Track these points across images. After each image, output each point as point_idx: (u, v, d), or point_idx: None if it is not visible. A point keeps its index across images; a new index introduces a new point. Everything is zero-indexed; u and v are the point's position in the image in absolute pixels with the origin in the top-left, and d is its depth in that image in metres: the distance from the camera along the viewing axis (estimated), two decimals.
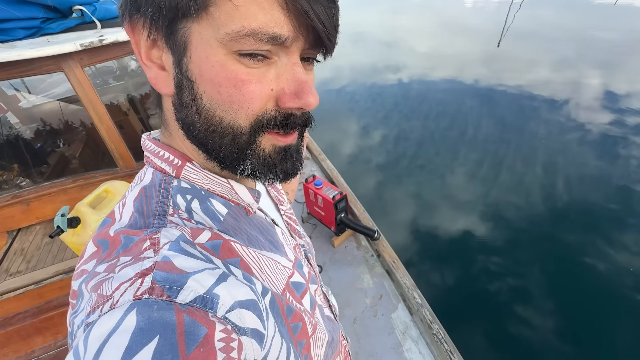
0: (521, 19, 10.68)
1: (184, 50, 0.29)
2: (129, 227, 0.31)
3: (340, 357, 0.56)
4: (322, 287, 0.58)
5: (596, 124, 4.68)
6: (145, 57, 0.31)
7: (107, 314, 0.23)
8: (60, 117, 2.48)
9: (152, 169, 0.37)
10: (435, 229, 3.21)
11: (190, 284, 0.25)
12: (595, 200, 3.34)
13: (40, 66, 1.40)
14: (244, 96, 0.29)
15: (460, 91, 6.09)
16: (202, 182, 0.36)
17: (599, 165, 3.86)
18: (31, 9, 1.41)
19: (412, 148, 4.54)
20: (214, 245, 0.32)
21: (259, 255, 0.37)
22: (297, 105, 0.31)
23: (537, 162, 3.99)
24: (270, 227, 0.44)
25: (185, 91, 0.30)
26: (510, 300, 2.52)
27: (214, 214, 0.36)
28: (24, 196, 1.68)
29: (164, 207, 0.33)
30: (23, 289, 1.42)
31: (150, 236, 0.28)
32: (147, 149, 0.38)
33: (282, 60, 0.30)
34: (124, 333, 0.21)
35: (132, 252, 0.27)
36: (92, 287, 0.26)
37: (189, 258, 0.27)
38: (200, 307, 0.24)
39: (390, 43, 9.78)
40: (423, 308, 1.57)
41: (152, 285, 0.24)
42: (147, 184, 0.35)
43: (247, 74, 0.29)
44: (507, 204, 3.42)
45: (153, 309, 0.22)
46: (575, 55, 7.35)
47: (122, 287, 0.24)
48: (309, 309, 0.43)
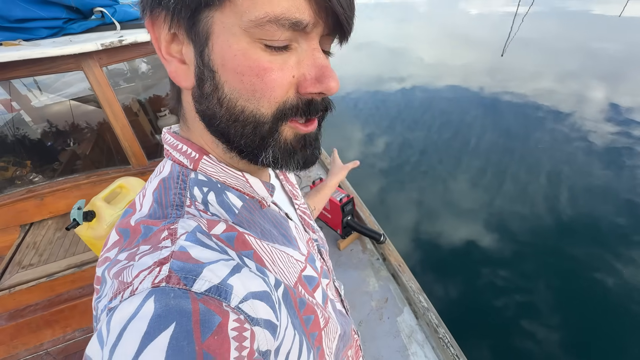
0: (525, 30, 10.77)
1: (206, 40, 0.29)
2: (149, 217, 0.32)
3: (352, 350, 0.56)
4: (335, 281, 0.59)
5: (601, 135, 4.67)
6: (165, 51, 0.32)
7: (127, 300, 0.24)
8: (70, 117, 2.53)
9: (170, 161, 0.38)
10: (438, 238, 3.19)
11: (206, 273, 0.26)
12: (602, 213, 3.31)
13: (61, 64, 1.44)
14: (267, 85, 0.29)
15: (464, 100, 6.13)
16: (218, 175, 0.37)
17: (605, 177, 3.84)
18: (54, 9, 1.46)
19: (416, 155, 4.55)
20: (228, 237, 0.32)
21: (272, 248, 0.38)
22: (319, 90, 0.31)
23: (542, 173, 3.98)
24: (283, 220, 0.44)
25: (207, 82, 0.31)
26: (515, 313, 2.49)
27: (229, 206, 0.36)
28: (39, 191, 1.72)
29: (181, 199, 0.34)
30: (35, 281, 1.45)
31: (169, 226, 0.29)
32: (166, 142, 0.39)
33: (302, 46, 0.30)
34: (143, 319, 0.22)
35: (151, 241, 0.28)
36: (114, 274, 0.27)
37: (204, 249, 0.28)
38: (215, 296, 0.25)
39: (394, 51, 9.87)
40: (429, 312, 1.57)
41: (169, 274, 0.25)
42: (166, 176, 0.36)
43: (269, 62, 0.29)
44: (512, 214, 3.40)
45: (170, 297, 0.23)
46: (579, 66, 7.39)
47: (142, 274, 0.25)
48: (321, 303, 0.44)
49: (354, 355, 0.58)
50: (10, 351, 1.46)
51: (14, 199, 1.68)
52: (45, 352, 1.49)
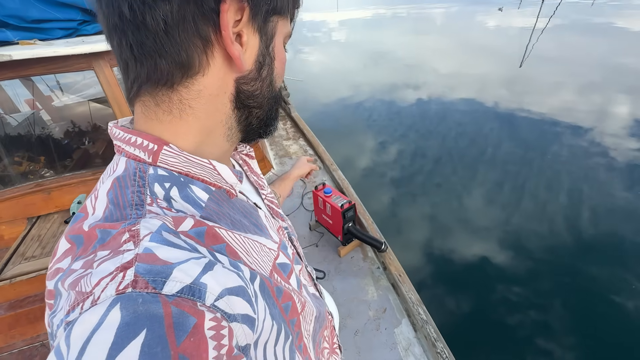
0: (544, 43, 10.59)
1: (272, 37, 0.38)
2: (104, 220, 0.30)
3: (327, 330, 0.58)
4: (307, 267, 0.59)
5: (624, 152, 4.49)
6: (232, 34, 0.35)
7: (89, 311, 0.22)
8: (88, 117, 2.62)
9: (124, 157, 0.35)
10: (450, 252, 3.10)
11: (176, 274, 0.25)
12: (624, 233, 3.14)
13: (73, 63, 1.50)
14: (285, 71, 0.43)
15: (480, 112, 6.03)
16: (182, 166, 0.34)
17: (628, 196, 3.67)
18: (70, 11, 1.53)
19: (429, 166, 4.48)
20: (198, 232, 0.31)
21: (244, 238, 0.37)
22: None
23: (561, 189, 3.83)
24: (253, 210, 0.44)
25: (266, 68, 0.39)
26: (526, 332, 2.38)
27: (194, 200, 0.34)
28: (46, 185, 1.77)
29: (140, 197, 0.31)
30: (35, 273, 1.48)
31: (129, 228, 0.27)
32: (116, 137, 0.36)
33: None
34: (109, 329, 0.21)
35: (110, 245, 0.26)
36: (70, 285, 0.25)
37: (172, 248, 0.27)
38: (188, 297, 0.24)
39: (410, 62, 9.87)
40: (428, 325, 1.51)
41: (135, 278, 0.23)
42: (121, 174, 0.33)
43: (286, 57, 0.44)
44: (527, 230, 3.27)
45: (138, 303, 0.22)
46: (601, 80, 7.17)
47: (103, 282, 0.23)
48: (296, 288, 0.44)
49: (330, 335, 0.60)
50: (8, 341, 1.49)
51: (23, 192, 1.75)
52: (40, 344, 1.51)
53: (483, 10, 21.47)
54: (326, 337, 0.57)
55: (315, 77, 8.79)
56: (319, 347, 0.53)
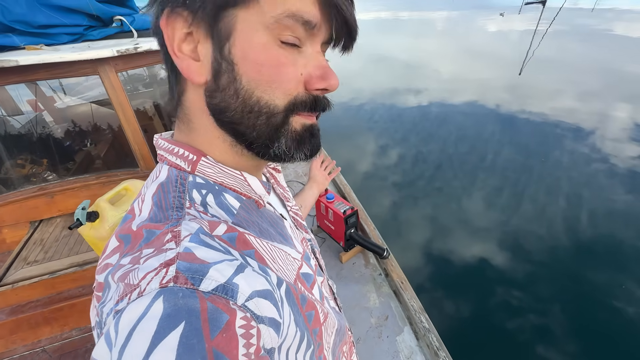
0: (545, 48, 10.63)
1: (228, 36, 0.32)
2: (149, 220, 0.32)
3: (347, 346, 0.58)
4: (328, 280, 0.60)
5: (624, 157, 4.51)
6: (177, 49, 0.33)
7: (135, 301, 0.24)
8: (90, 119, 2.63)
9: (167, 166, 0.38)
10: (451, 255, 3.11)
11: (212, 273, 0.26)
12: (624, 238, 3.16)
13: (78, 68, 1.50)
14: (282, 76, 0.33)
15: (481, 116, 6.04)
16: (217, 176, 0.38)
17: (628, 200, 3.68)
18: (76, 17, 1.54)
19: (430, 170, 4.49)
20: (230, 237, 0.33)
21: (271, 246, 0.38)
22: (324, 86, 0.35)
23: (560, 193, 3.86)
24: (279, 220, 0.45)
25: (224, 75, 0.33)
26: (527, 337, 2.39)
27: (227, 207, 0.37)
28: (49, 189, 1.77)
29: (181, 201, 0.34)
30: (38, 278, 1.47)
31: (172, 229, 0.30)
32: (160, 147, 0.40)
33: (308, 49, 0.34)
34: (152, 319, 0.22)
35: (154, 244, 0.29)
36: (119, 278, 0.27)
37: (208, 249, 0.29)
38: (222, 295, 0.26)
39: (411, 66, 9.90)
40: (430, 333, 1.51)
41: (177, 274, 0.25)
42: (164, 181, 0.37)
43: (285, 57, 0.32)
44: (527, 234, 3.29)
45: (178, 297, 0.24)
46: (600, 86, 7.20)
47: (148, 276, 0.25)
48: (318, 299, 0.44)
49: (349, 351, 0.60)
50: (9, 346, 1.48)
51: (25, 195, 1.74)
52: (42, 350, 1.50)
53: (484, 15, 21.55)
54: (345, 353, 0.57)
55: None
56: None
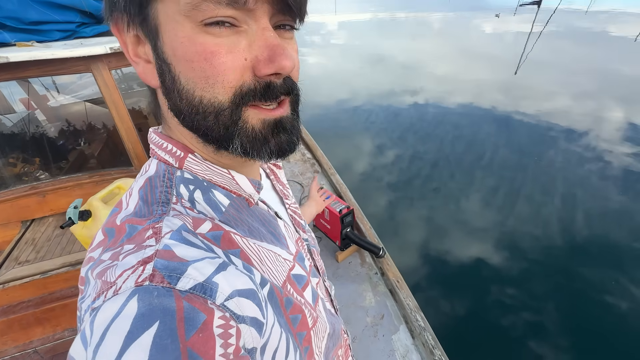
0: (540, 49, 10.73)
1: (156, 33, 0.29)
2: (134, 215, 0.32)
3: (342, 350, 0.56)
4: (325, 281, 0.58)
5: (617, 157, 4.56)
6: (132, 53, 0.33)
7: (111, 299, 0.24)
8: (84, 118, 2.60)
9: (156, 160, 0.38)
10: (446, 254, 3.12)
11: (190, 271, 0.26)
12: (618, 236, 3.20)
13: (71, 66, 1.48)
14: (217, 68, 0.28)
15: (477, 117, 6.08)
16: (204, 173, 0.37)
17: (621, 199, 3.73)
18: (69, 13, 1.52)
19: (426, 170, 4.51)
20: (214, 235, 0.32)
21: (258, 247, 0.37)
22: (272, 70, 0.30)
23: (556, 193, 3.89)
24: (272, 219, 0.44)
25: (166, 76, 0.31)
26: (522, 334, 2.41)
27: (216, 204, 0.36)
28: (41, 188, 1.75)
29: (167, 196, 0.34)
30: (29, 277, 1.45)
31: (153, 225, 0.29)
32: (151, 141, 0.40)
33: (252, 27, 0.29)
34: (126, 318, 0.22)
35: (135, 240, 0.28)
36: (97, 274, 0.27)
37: (189, 247, 0.28)
38: (200, 294, 0.25)
39: (409, 67, 9.93)
40: (426, 332, 1.51)
41: (153, 273, 0.25)
42: (152, 175, 0.36)
43: (215, 45, 0.28)
44: (523, 233, 3.32)
45: (153, 296, 0.23)
46: (595, 87, 7.28)
47: (125, 274, 0.25)
48: (310, 302, 0.43)
49: (344, 354, 0.59)
50: (0, 347, 1.46)
51: (17, 194, 1.72)
52: (33, 351, 1.48)
53: (480, 16, 21.69)
54: (340, 357, 0.55)
55: (313, 80, 8.80)
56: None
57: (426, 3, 36.56)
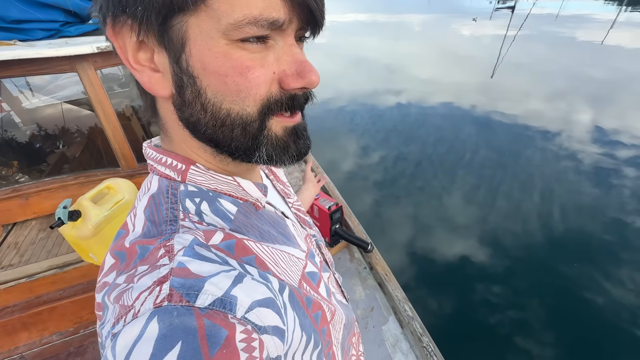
0: (514, 52, 11.19)
1: (182, 46, 0.28)
2: (143, 236, 0.32)
3: (355, 337, 0.58)
4: (335, 274, 0.59)
5: (589, 155, 4.82)
6: (133, 60, 0.31)
7: (130, 324, 0.23)
8: (61, 119, 2.53)
9: (157, 176, 0.37)
10: (432, 252, 3.21)
11: (208, 287, 0.26)
12: (592, 231, 3.39)
13: (55, 65, 1.46)
14: (251, 82, 0.29)
15: (457, 118, 6.27)
16: (209, 183, 0.36)
17: (594, 195, 3.94)
18: (52, 12, 1.49)
19: (410, 169, 4.62)
20: (227, 245, 0.32)
21: (272, 249, 0.37)
22: (301, 85, 0.31)
23: (534, 190, 4.06)
24: (280, 220, 0.44)
25: (187, 89, 0.30)
26: (506, 329, 2.51)
27: (224, 213, 0.36)
28: (24, 190, 1.69)
29: (174, 213, 0.33)
30: (14, 282, 1.41)
31: (164, 244, 0.29)
32: (149, 157, 0.38)
33: (279, 43, 0.30)
34: (148, 341, 0.22)
35: (148, 261, 0.28)
36: (114, 299, 0.27)
37: (203, 262, 0.28)
38: (220, 309, 0.25)
39: (390, 68, 10.11)
40: (414, 321, 1.58)
41: (171, 292, 0.24)
42: (155, 192, 0.36)
43: (251, 60, 0.29)
44: (504, 230, 3.45)
45: (173, 316, 0.23)
46: (566, 89, 7.66)
47: (142, 296, 0.25)
48: (325, 297, 0.44)
49: (357, 341, 0.60)
50: None
51: None
52: (19, 356, 1.44)
53: (458, 19, 22.36)
54: (354, 344, 0.56)
55: None
56: (347, 354, 0.52)
57: (405, 5, 37.33)
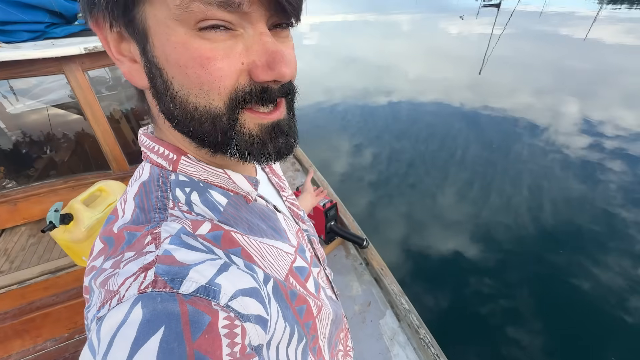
0: (501, 49, 11.38)
1: (145, 36, 0.28)
2: (132, 223, 0.32)
3: (343, 332, 0.58)
4: (326, 269, 0.59)
5: (575, 148, 4.93)
6: (115, 51, 0.31)
7: (115, 308, 0.24)
8: (47, 124, 2.49)
9: (149, 164, 0.37)
10: (426, 249, 3.25)
11: (192, 275, 0.26)
12: (580, 222, 3.48)
13: (41, 68, 1.43)
14: (212, 75, 0.27)
15: (447, 115, 6.35)
16: (200, 174, 0.36)
17: (581, 188, 4.04)
18: (37, 13, 1.46)
19: (403, 167, 4.66)
20: (214, 236, 0.32)
21: (260, 243, 0.38)
22: (271, 77, 0.29)
23: (523, 184, 4.15)
24: (271, 213, 0.44)
25: (157, 80, 0.30)
26: (500, 319, 2.56)
27: (213, 204, 0.36)
28: (12, 196, 1.66)
29: (163, 201, 0.33)
30: (5, 288, 1.38)
31: (152, 231, 0.29)
32: (142, 144, 0.38)
33: (249, 31, 0.28)
34: (132, 325, 0.22)
35: (135, 247, 0.28)
36: (100, 283, 0.27)
37: (189, 251, 0.28)
38: (203, 296, 0.25)
39: (380, 67, 10.17)
40: (410, 314, 1.60)
41: (155, 279, 0.25)
42: (146, 180, 0.36)
43: (211, 50, 0.27)
44: (495, 224, 3.51)
45: (157, 301, 0.23)
46: (552, 84, 7.82)
47: (127, 282, 0.25)
48: (313, 292, 0.44)
49: (345, 337, 0.61)
50: None
51: None
52: None
53: (446, 17, 22.62)
54: (341, 340, 0.57)
55: None
56: (334, 349, 0.53)
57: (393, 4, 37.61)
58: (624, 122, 5.73)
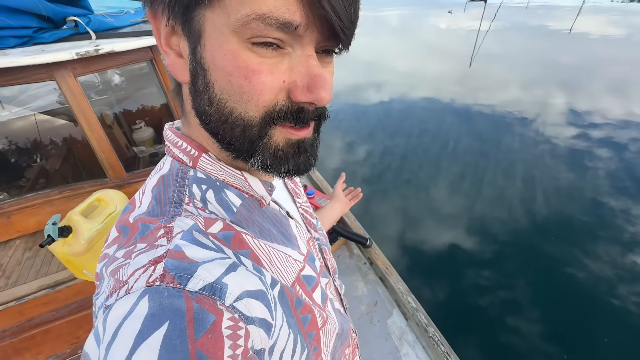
0: (489, 43, 11.50)
1: (199, 38, 0.29)
2: (147, 214, 0.32)
3: (349, 349, 0.56)
4: (335, 280, 0.58)
5: (564, 139, 5.02)
6: (164, 43, 0.32)
7: (123, 298, 0.24)
8: (35, 132, 2.41)
9: (171, 158, 0.38)
10: (423, 243, 3.27)
11: (200, 272, 0.26)
12: (571, 213, 3.55)
13: (31, 75, 1.38)
14: (254, 87, 0.29)
15: (439, 110, 6.39)
16: (217, 174, 0.37)
17: (571, 178, 4.12)
18: (24, 18, 1.40)
19: (397, 162, 4.68)
20: (225, 235, 0.32)
21: (269, 248, 0.37)
22: (309, 99, 0.30)
23: (515, 176, 4.20)
24: (284, 219, 0.44)
25: (199, 79, 0.30)
26: (498, 309, 2.60)
27: (227, 204, 0.36)
28: (5, 209, 1.59)
29: (180, 196, 0.34)
30: (2, 306, 1.33)
31: (165, 225, 0.30)
32: (167, 138, 0.39)
33: (297, 52, 0.29)
34: (137, 318, 0.23)
35: (147, 239, 0.29)
36: (111, 272, 0.27)
37: (200, 248, 0.28)
38: (209, 295, 0.25)
39: (371, 63, 10.18)
40: (418, 312, 1.59)
41: (164, 273, 0.25)
42: (166, 173, 0.37)
43: (258, 64, 0.28)
44: (490, 217, 3.56)
45: (164, 296, 0.24)
46: (539, 76, 7.95)
47: (137, 273, 0.25)
48: (319, 302, 0.43)
49: (351, 353, 0.58)
50: None
51: None
52: None
53: (434, 12, 22.74)
54: (347, 356, 0.55)
55: None
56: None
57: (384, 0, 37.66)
58: (609, 111, 5.86)
